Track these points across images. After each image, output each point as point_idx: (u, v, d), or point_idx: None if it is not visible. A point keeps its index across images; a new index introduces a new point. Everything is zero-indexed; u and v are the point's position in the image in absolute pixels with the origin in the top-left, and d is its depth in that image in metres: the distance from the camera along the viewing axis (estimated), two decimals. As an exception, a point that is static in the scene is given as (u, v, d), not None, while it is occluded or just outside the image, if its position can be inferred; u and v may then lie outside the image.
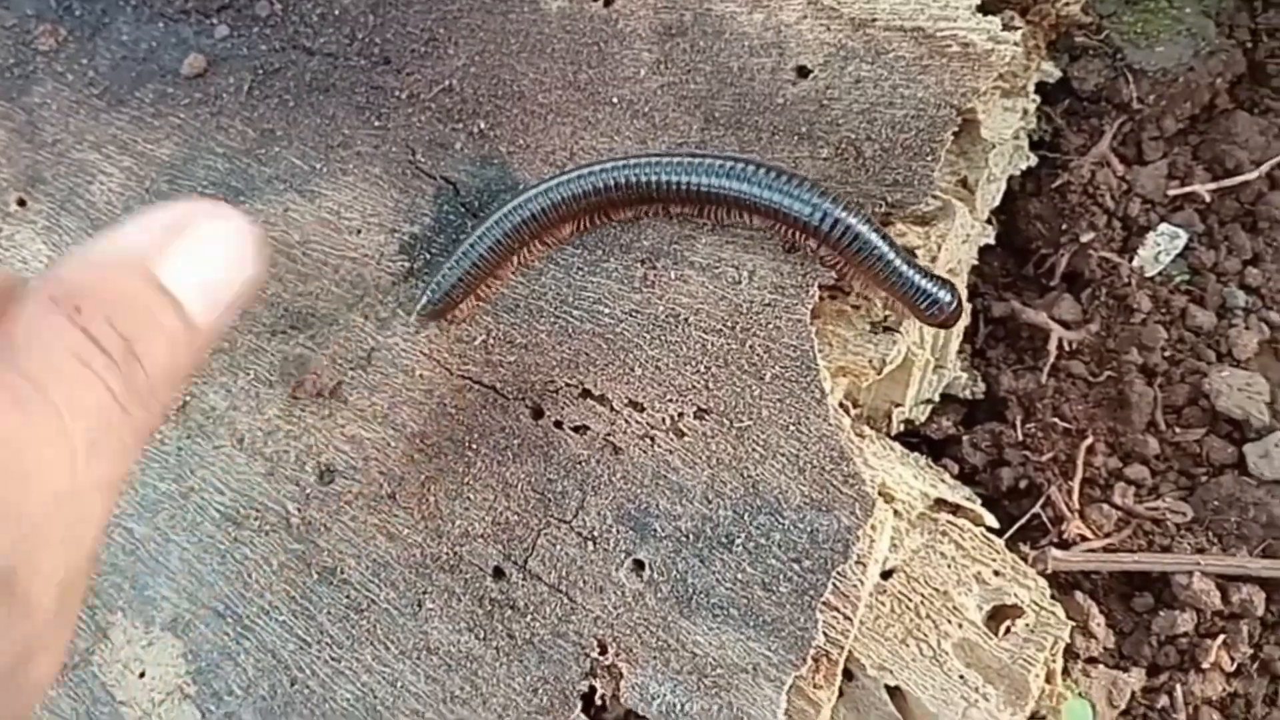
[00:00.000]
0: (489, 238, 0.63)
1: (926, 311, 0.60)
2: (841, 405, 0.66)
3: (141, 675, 0.65)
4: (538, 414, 0.63)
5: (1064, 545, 0.67)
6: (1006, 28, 0.62)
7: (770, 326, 0.61)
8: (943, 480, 0.68)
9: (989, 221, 0.73)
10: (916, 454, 0.70)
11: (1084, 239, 0.74)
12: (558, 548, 0.60)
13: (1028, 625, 0.58)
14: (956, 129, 0.62)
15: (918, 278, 0.60)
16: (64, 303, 0.33)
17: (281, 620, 0.64)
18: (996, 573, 0.60)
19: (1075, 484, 0.68)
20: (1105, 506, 0.68)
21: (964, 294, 0.65)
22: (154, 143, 0.78)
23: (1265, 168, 0.73)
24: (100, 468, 0.33)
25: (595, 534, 0.59)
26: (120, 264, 0.36)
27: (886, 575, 0.59)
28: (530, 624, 0.59)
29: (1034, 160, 0.73)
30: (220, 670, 0.64)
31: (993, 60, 0.61)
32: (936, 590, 0.59)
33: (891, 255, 0.59)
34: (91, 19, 0.85)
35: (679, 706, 0.56)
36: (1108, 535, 0.67)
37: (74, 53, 0.84)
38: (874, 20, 0.64)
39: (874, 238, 0.58)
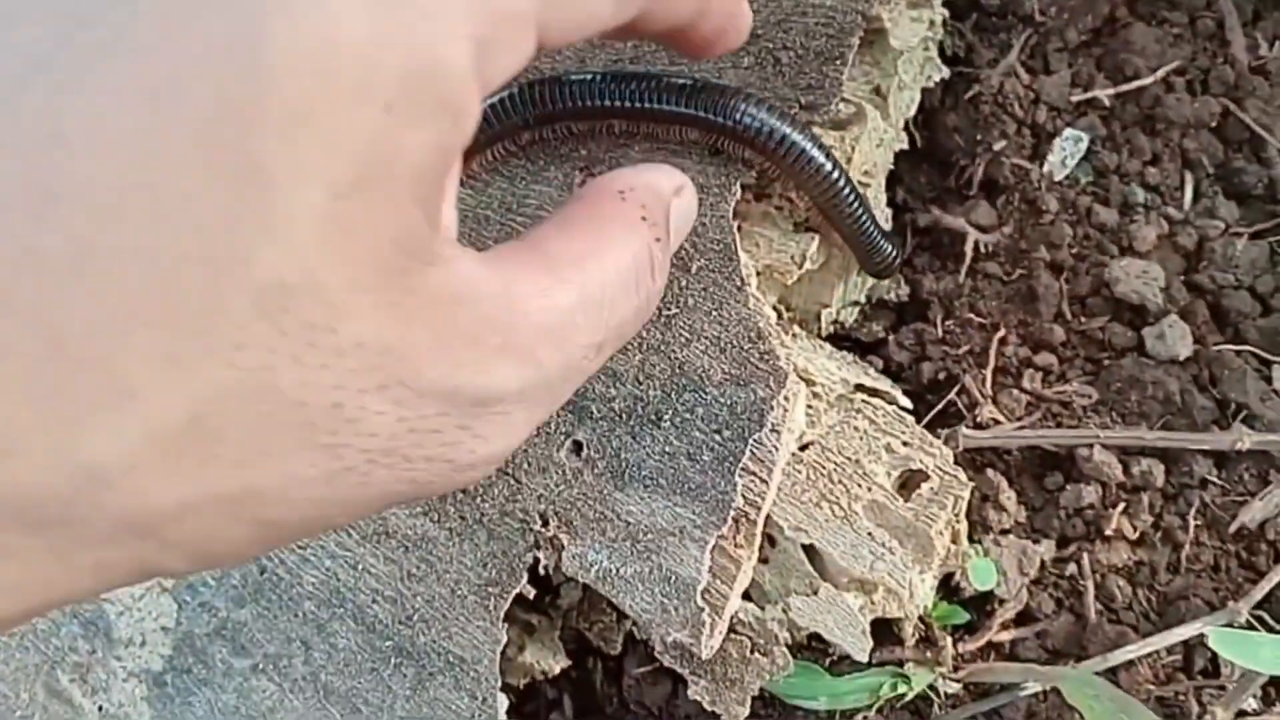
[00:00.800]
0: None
1: (873, 264, 0.69)
2: (775, 309, 0.71)
3: (120, 575, 0.70)
4: (481, 316, 0.67)
5: (978, 428, 0.72)
6: (906, -60, 0.67)
7: (696, 223, 0.65)
8: (866, 373, 0.73)
9: (907, 131, 0.78)
10: (845, 352, 0.75)
11: (997, 147, 0.78)
12: (502, 436, 0.64)
13: (932, 488, 0.63)
14: (863, 34, 0.67)
15: (878, 236, 0.67)
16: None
17: (249, 517, 0.68)
18: (905, 443, 0.64)
19: (988, 372, 0.73)
20: (1016, 392, 0.73)
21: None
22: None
23: (1161, 73, 0.78)
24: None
25: (536, 421, 0.64)
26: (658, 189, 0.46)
27: (803, 448, 0.64)
28: (480, 505, 0.64)
29: (946, 73, 0.77)
30: (193, 566, 0.68)
31: (893, -28, 0.66)
32: (849, 459, 0.63)
33: (860, 210, 0.64)
34: None
35: (614, 571, 0.61)
36: (1019, 418, 0.72)
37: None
38: (785, -61, 0.69)
39: (847, 191, 0.63)
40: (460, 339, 0.34)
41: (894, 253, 0.70)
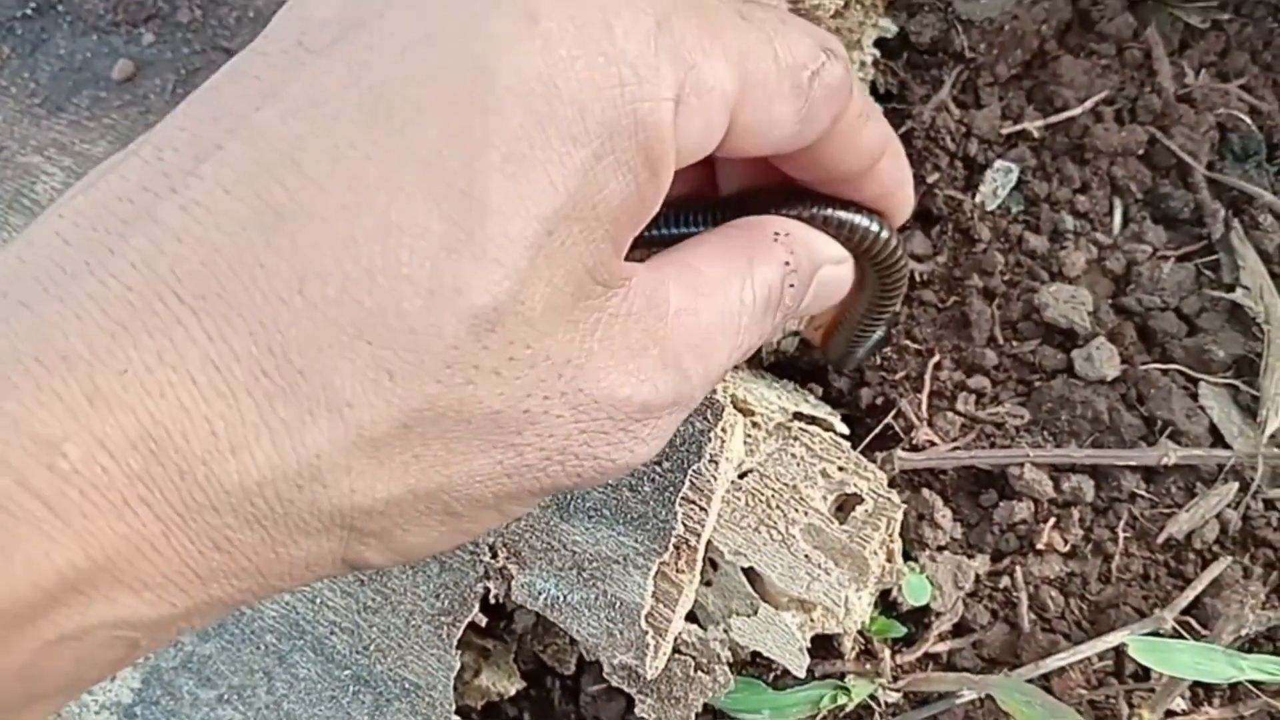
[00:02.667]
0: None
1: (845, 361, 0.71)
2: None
3: (91, 611, 0.72)
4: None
5: (914, 450, 0.75)
6: (832, -13, 0.70)
7: (635, 264, 0.68)
8: (806, 400, 0.76)
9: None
10: (785, 380, 0.78)
11: (930, 180, 0.82)
12: (455, 470, 0.67)
13: (866, 511, 0.66)
14: (793, 80, 0.70)
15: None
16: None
17: (214, 552, 0.71)
18: (841, 468, 0.67)
19: (924, 396, 0.76)
20: (950, 414, 0.76)
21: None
22: (90, 142, 0.85)
23: (1089, 104, 0.81)
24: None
25: (486, 455, 0.67)
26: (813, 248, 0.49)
27: (743, 475, 0.67)
28: (433, 538, 0.66)
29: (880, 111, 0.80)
30: (161, 601, 0.71)
31: (819, 13, 0.69)
32: (786, 485, 0.66)
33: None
34: (31, 36, 0.92)
35: (562, 598, 0.63)
36: (954, 440, 0.75)
37: (16, 68, 0.91)
38: (718, -12, 0.72)
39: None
40: (629, 351, 0.38)
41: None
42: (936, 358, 0.77)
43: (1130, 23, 0.85)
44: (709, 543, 0.65)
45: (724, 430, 0.63)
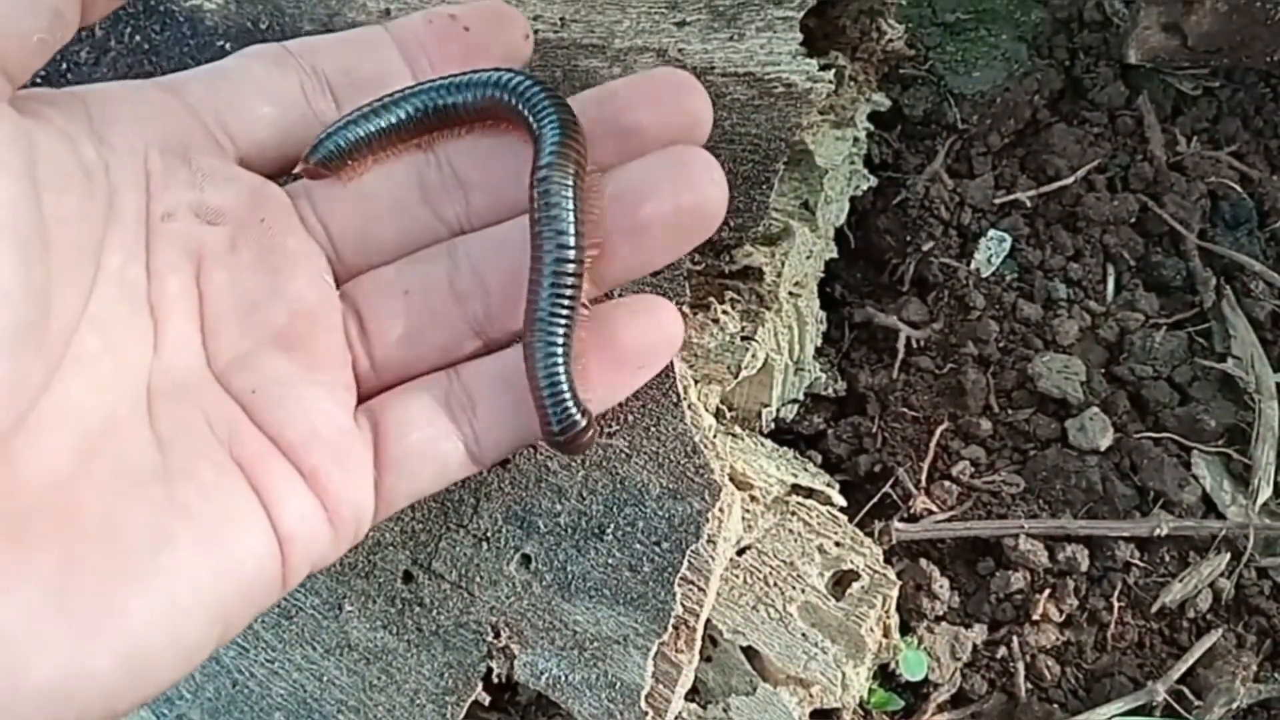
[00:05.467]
0: (403, 109, 0.59)
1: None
2: (718, 410, 0.75)
3: (101, 686, 0.73)
4: (436, 432, 0.71)
5: (912, 519, 0.76)
6: (824, 68, 0.71)
7: (635, 342, 0.69)
8: (805, 469, 0.77)
9: (844, 237, 0.82)
10: (785, 448, 0.79)
11: (925, 248, 0.83)
12: (457, 549, 0.68)
13: (862, 587, 0.67)
14: (787, 159, 0.71)
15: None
16: None
17: (221, 628, 0.72)
18: (837, 544, 0.68)
19: (926, 465, 0.77)
20: (947, 483, 0.77)
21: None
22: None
23: (1081, 173, 0.83)
24: None
25: (488, 534, 0.68)
26: None
27: (741, 552, 0.68)
28: (436, 617, 0.67)
29: (874, 181, 0.82)
30: (170, 676, 0.72)
31: (812, 97, 0.70)
32: (784, 562, 0.67)
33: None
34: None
35: (563, 678, 0.64)
36: (951, 508, 0.76)
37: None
38: (712, 68, 0.73)
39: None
40: None
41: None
42: (944, 425, 0.78)
43: (1122, 91, 0.87)
44: (708, 620, 0.66)
45: (721, 510, 0.64)
